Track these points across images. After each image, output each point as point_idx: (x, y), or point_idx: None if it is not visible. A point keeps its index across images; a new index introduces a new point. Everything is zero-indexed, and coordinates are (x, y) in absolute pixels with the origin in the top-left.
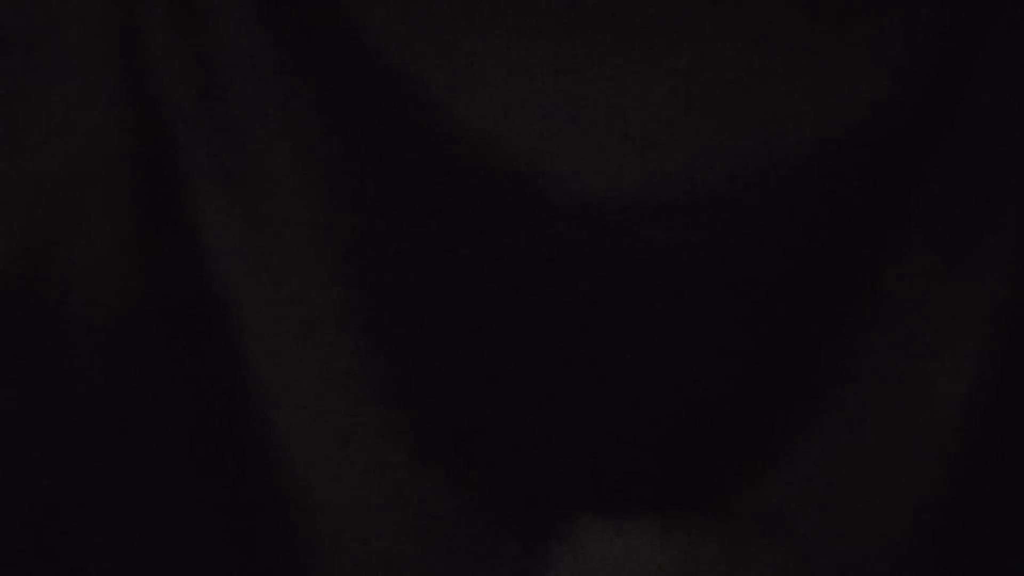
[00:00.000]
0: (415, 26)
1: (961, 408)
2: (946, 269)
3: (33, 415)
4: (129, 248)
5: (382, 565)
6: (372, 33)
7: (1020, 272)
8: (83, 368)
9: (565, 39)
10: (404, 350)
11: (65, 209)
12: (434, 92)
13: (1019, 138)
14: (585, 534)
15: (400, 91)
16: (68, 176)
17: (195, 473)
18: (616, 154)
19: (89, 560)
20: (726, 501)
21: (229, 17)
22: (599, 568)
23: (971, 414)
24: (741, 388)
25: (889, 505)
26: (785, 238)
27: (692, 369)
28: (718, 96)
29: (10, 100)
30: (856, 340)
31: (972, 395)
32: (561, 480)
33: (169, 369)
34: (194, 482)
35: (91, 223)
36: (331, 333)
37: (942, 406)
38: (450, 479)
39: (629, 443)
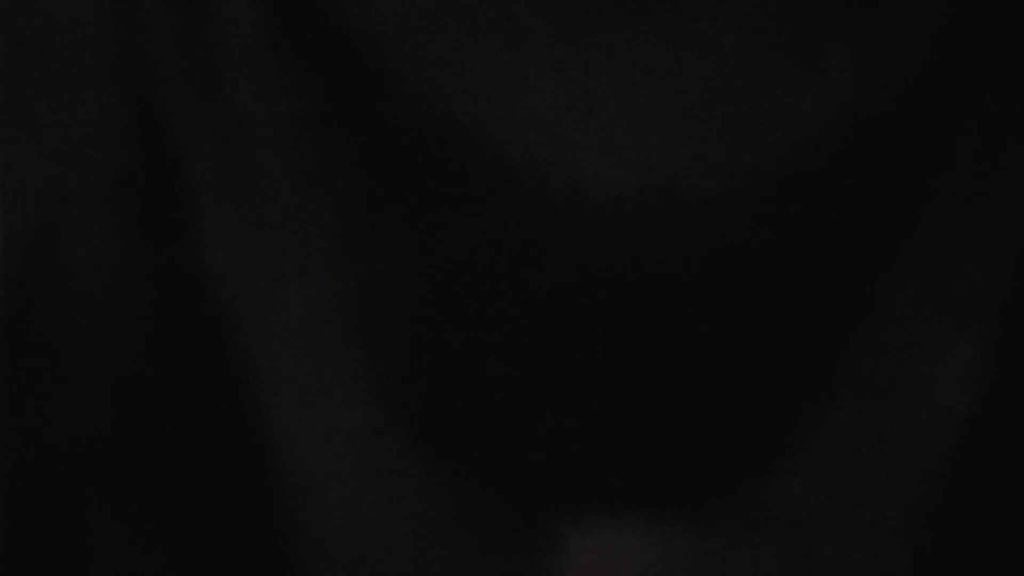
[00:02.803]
0: (415, 26)
1: (961, 408)
2: (946, 269)
3: (33, 415)
4: (129, 249)
5: (381, 565)
6: (372, 34)
7: (1020, 272)
8: (83, 368)
9: (564, 39)
10: (403, 350)
11: (66, 211)
12: (434, 92)
13: (1019, 138)
14: (583, 534)
15: (400, 92)
16: (69, 178)
17: (194, 473)
18: (615, 154)
19: (87, 559)
20: (723, 501)
21: (229, 18)
22: (597, 568)
23: (971, 414)
24: (739, 388)
25: (888, 505)
26: (784, 238)
27: (690, 368)
28: (717, 96)
29: (11, 103)
30: (856, 340)
31: (972, 395)
32: (559, 480)
33: (169, 369)
34: (194, 482)
35: (92, 225)
36: (331, 333)
37: (942, 406)
38: (448, 479)
39: (627, 443)
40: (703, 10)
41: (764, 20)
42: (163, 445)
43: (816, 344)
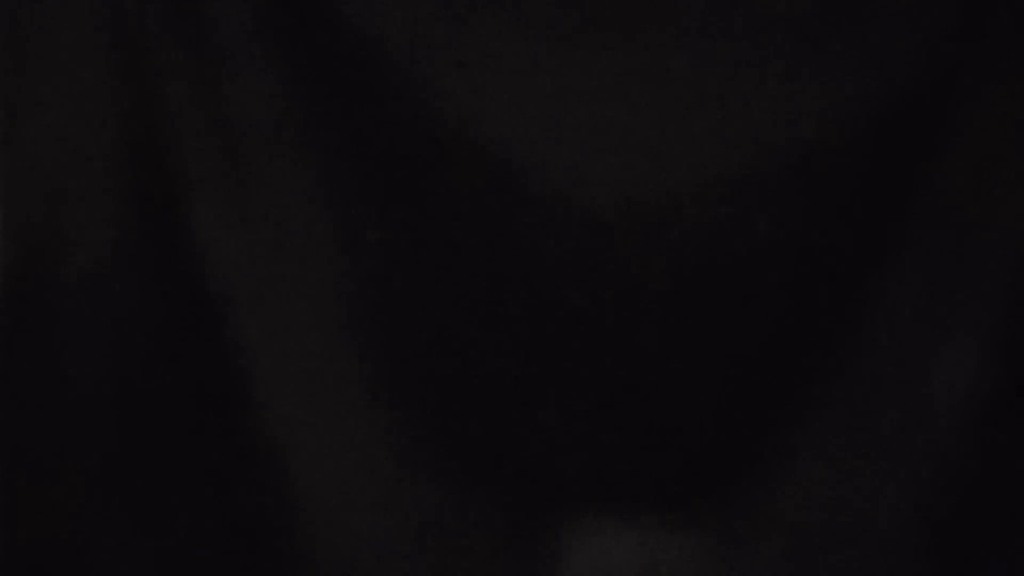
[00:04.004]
0: (416, 25)
1: (961, 408)
2: (946, 269)
3: (33, 415)
4: (128, 249)
5: (381, 565)
6: (372, 33)
7: (1020, 272)
8: (82, 368)
9: (565, 38)
10: (403, 350)
11: (65, 210)
12: (435, 93)
13: (1019, 138)
14: (584, 534)
15: (399, 91)
16: (68, 178)
17: (193, 472)
18: (615, 154)
19: (86, 559)
20: (725, 501)
21: (227, 18)
22: (597, 568)
23: (971, 414)
24: (740, 387)
25: (889, 505)
26: (785, 238)
27: (691, 368)
28: (718, 96)
29: (10, 102)
30: (856, 340)
31: (972, 395)
32: (559, 480)
33: (168, 369)
34: (192, 482)
35: (91, 224)
36: (330, 333)
37: (942, 405)
38: (448, 479)
39: (628, 443)
40: (704, 12)
41: (765, 22)
42: (163, 444)
43: (816, 344)
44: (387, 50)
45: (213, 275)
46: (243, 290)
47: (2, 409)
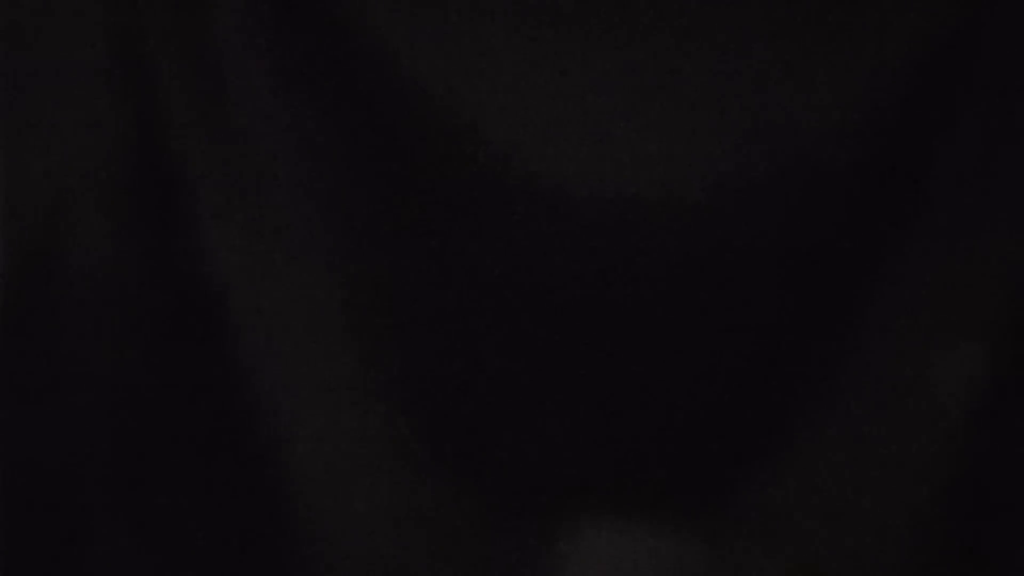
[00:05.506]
0: (416, 25)
1: (962, 408)
2: (946, 269)
3: (33, 415)
4: (129, 249)
5: (382, 566)
6: (372, 33)
7: (1020, 272)
8: (83, 368)
9: (566, 38)
10: (404, 350)
11: (66, 210)
12: (435, 92)
13: (1019, 138)
14: (585, 534)
15: (401, 91)
16: (69, 177)
17: (195, 474)
18: (615, 154)
19: (88, 560)
20: (726, 501)
21: (228, 18)
22: (599, 568)
23: (972, 414)
24: (741, 388)
25: (890, 505)
26: (785, 237)
27: (692, 369)
28: (718, 95)
29: (11, 102)
30: (857, 340)
31: (973, 395)
32: (561, 480)
33: (169, 370)
34: (194, 483)
35: (91, 224)
36: (331, 333)
37: (943, 406)
38: (450, 479)
39: (629, 443)
40: (703, 13)
41: (764, 23)
42: (164, 445)
43: (816, 344)
44: (390, 52)
45: (213, 275)
46: (243, 289)
47: (2, 409)
